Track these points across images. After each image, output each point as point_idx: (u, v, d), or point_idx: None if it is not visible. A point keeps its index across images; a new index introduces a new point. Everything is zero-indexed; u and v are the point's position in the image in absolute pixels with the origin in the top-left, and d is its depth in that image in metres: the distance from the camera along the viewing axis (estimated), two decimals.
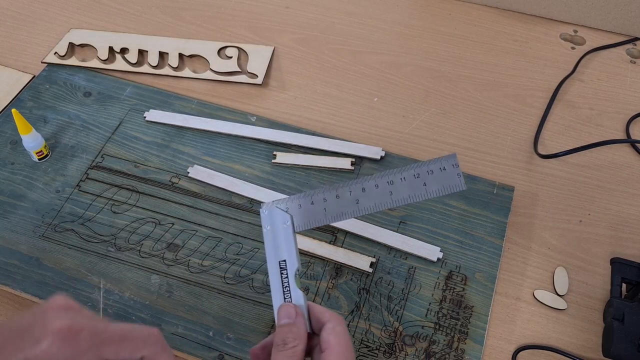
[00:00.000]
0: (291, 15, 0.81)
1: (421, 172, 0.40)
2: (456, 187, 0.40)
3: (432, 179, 0.40)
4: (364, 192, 0.41)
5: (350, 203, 0.41)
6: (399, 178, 0.41)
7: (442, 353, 0.52)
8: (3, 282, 0.56)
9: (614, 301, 0.52)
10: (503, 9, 0.82)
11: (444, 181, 0.40)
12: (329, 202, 0.41)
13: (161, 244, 0.58)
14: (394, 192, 0.41)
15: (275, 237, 0.40)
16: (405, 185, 0.40)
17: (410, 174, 0.40)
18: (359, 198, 0.41)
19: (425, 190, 0.40)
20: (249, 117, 0.68)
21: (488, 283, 0.56)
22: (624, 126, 0.69)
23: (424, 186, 0.40)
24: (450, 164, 0.40)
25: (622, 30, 0.78)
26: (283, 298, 0.39)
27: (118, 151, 0.66)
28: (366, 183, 0.41)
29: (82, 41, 0.76)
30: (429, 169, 0.40)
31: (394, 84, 0.73)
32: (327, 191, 0.41)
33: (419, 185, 0.40)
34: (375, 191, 0.41)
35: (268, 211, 0.41)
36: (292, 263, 0.40)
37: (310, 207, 0.41)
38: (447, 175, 0.40)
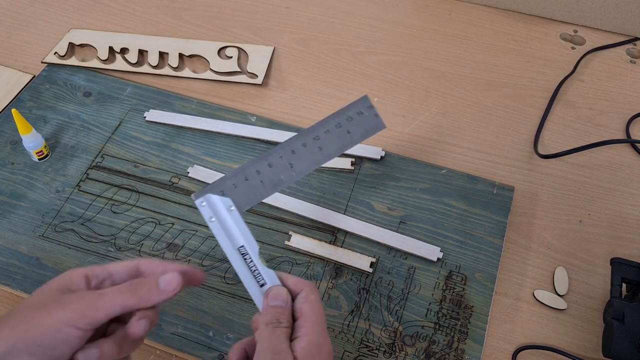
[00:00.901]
0: (291, 15, 0.81)
1: (342, 121, 0.41)
2: (377, 127, 0.41)
3: (354, 124, 0.41)
4: (294, 154, 0.40)
5: (285, 168, 0.40)
6: (323, 132, 0.41)
7: (442, 353, 0.52)
8: (3, 282, 0.56)
9: (614, 301, 0.52)
10: (503, 9, 0.82)
11: (365, 124, 0.41)
12: (263, 172, 0.40)
13: (161, 244, 0.58)
14: (323, 147, 0.40)
15: (225, 225, 0.38)
16: (331, 137, 0.41)
17: (332, 125, 0.41)
18: (292, 161, 0.40)
19: (351, 137, 0.41)
20: (249, 117, 0.68)
21: (488, 283, 0.56)
22: (624, 126, 0.69)
23: (349, 134, 0.41)
24: (365, 106, 0.41)
25: (622, 30, 0.78)
26: (256, 282, 0.38)
27: (118, 151, 0.66)
28: (294, 144, 0.40)
29: (82, 41, 0.76)
30: (348, 115, 0.41)
31: (394, 84, 0.73)
32: (258, 162, 0.40)
33: (343, 134, 0.41)
34: (305, 150, 0.40)
35: (205, 201, 0.39)
36: (251, 245, 0.38)
37: (246, 184, 0.39)
38: (366, 119, 0.41)
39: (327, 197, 0.62)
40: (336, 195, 0.62)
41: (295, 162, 0.40)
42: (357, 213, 0.60)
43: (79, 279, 0.37)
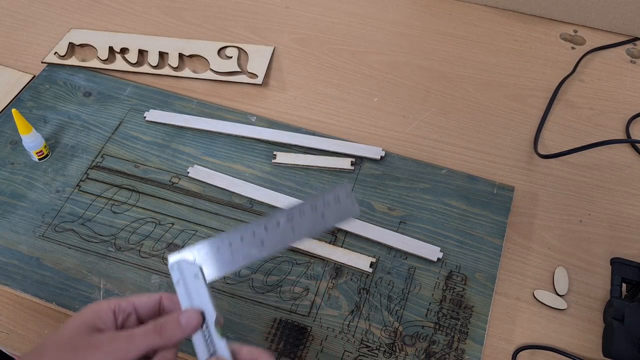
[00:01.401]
0: (291, 15, 0.81)
1: (318, 205, 0.41)
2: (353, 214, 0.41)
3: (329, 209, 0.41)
4: (266, 231, 0.41)
5: (256, 244, 0.40)
6: (298, 213, 0.41)
7: (442, 353, 0.52)
8: (3, 282, 0.56)
9: (614, 301, 0.52)
10: (503, 9, 0.82)
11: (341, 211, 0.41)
12: (235, 245, 0.40)
13: (161, 244, 0.58)
14: (295, 228, 0.41)
15: (188, 289, 0.40)
16: (304, 219, 0.41)
17: (308, 207, 0.41)
18: (263, 238, 0.40)
19: (325, 222, 0.41)
20: (249, 117, 0.68)
21: (488, 283, 0.56)
22: (624, 126, 0.69)
23: (323, 218, 0.41)
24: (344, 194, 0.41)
25: (622, 30, 0.78)
26: (207, 350, 0.38)
27: (118, 151, 0.66)
28: (268, 222, 0.41)
29: (82, 41, 0.76)
30: (325, 200, 0.41)
31: (394, 84, 0.73)
32: (232, 235, 0.41)
33: (318, 218, 0.41)
34: (278, 230, 0.40)
35: (176, 265, 0.40)
36: (210, 313, 0.39)
37: (217, 254, 0.40)
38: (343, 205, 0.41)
39: None
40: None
41: (267, 239, 0.41)
42: None
43: (107, 315, 0.38)
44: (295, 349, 0.52)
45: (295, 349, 0.52)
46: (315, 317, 0.54)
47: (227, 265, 0.40)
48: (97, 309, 0.38)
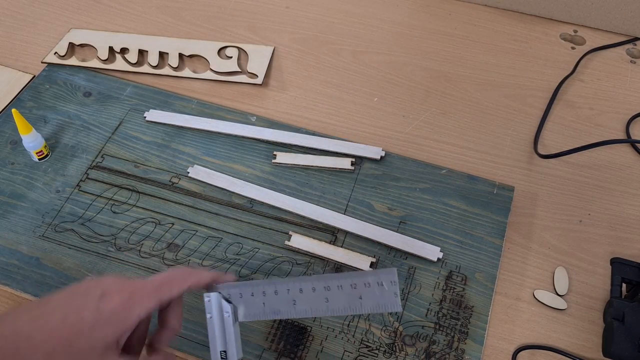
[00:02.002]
0: (291, 15, 0.81)
1: (358, 283, 0.39)
2: (392, 307, 0.38)
3: (369, 293, 0.39)
4: (301, 293, 0.40)
5: (287, 302, 0.40)
6: (336, 285, 0.39)
7: (442, 353, 0.52)
8: (3, 282, 0.56)
9: (614, 301, 0.52)
10: (503, 9, 0.82)
11: (380, 299, 0.38)
12: (268, 296, 0.40)
13: (161, 244, 0.58)
14: (329, 300, 0.39)
15: (218, 325, 0.40)
16: (341, 294, 0.39)
17: (347, 283, 0.39)
18: (296, 299, 0.40)
19: (361, 304, 0.39)
20: (249, 117, 0.68)
21: (488, 283, 0.56)
22: (624, 126, 0.69)
23: (360, 299, 0.39)
24: (388, 280, 0.38)
25: (622, 30, 0.78)
26: None
27: (118, 151, 0.66)
28: (304, 284, 0.40)
29: (82, 41, 0.76)
30: (367, 281, 0.39)
31: (394, 84, 0.73)
32: (268, 285, 0.40)
33: (354, 298, 0.39)
34: (312, 294, 0.40)
35: (210, 298, 0.41)
36: (232, 355, 0.40)
37: (250, 298, 0.41)
38: (384, 293, 0.38)
39: (327, 197, 0.62)
40: (336, 195, 0.62)
41: (299, 301, 0.40)
42: (357, 213, 0.60)
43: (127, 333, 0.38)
44: (295, 349, 0.52)
45: (295, 349, 0.52)
46: (315, 317, 0.54)
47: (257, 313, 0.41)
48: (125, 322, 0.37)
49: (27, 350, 0.34)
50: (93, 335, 0.36)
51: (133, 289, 0.38)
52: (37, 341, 0.34)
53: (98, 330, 0.36)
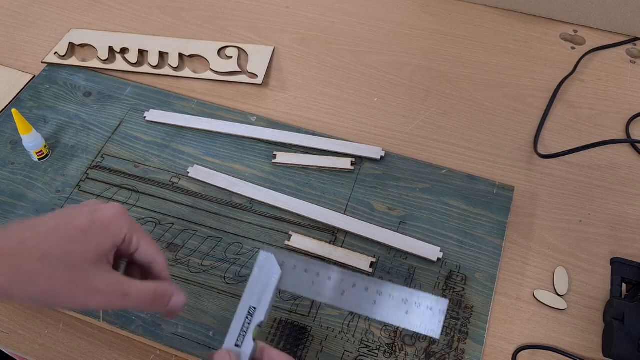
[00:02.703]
0: (291, 15, 0.81)
1: (410, 300, 0.40)
2: (432, 332, 0.40)
3: (416, 312, 0.40)
4: (353, 287, 0.41)
5: (337, 291, 0.41)
6: (388, 293, 0.40)
7: (442, 353, 0.52)
8: None
9: (614, 301, 0.52)
10: (503, 9, 0.82)
11: (424, 321, 0.40)
12: (320, 278, 0.41)
13: (161, 244, 0.58)
14: (377, 303, 0.40)
15: (259, 284, 0.41)
16: (390, 303, 0.40)
17: (400, 296, 0.40)
18: (345, 291, 0.41)
19: (405, 318, 0.40)
20: (249, 117, 0.68)
21: (488, 283, 0.56)
22: (624, 126, 0.69)
23: (405, 314, 0.40)
24: (438, 308, 0.40)
25: (622, 30, 0.78)
26: (236, 339, 0.40)
27: (118, 151, 0.66)
28: (359, 281, 0.41)
29: (82, 41, 0.76)
30: (418, 301, 0.40)
31: (394, 84, 0.73)
32: (324, 268, 0.41)
33: (401, 311, 0.40)
34: (363, 293, 0.41)
35: (265, 257, 0.41)
36: (260, 314, 0.40)
37: (301, 274, 0.41)
38: (431, 317, 0.40)
39: (327, 197, 0.62)
40: (336, 195, 0.62)
41: (347, 294, 0.41)
42: (357, 213, 0.60)
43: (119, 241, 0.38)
44: (295, 349, 0.52)
45: (295, 349, 0.52)
46: (315, 317, 0.54)
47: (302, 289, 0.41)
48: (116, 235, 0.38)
49: (21, 254, 0.34)
50: (86, 242, 0.36)
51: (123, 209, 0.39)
52: (30, 246, 0.35)
53: (91, 238, 0.36)
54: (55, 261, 0.35)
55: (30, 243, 0.35)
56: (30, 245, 0.35)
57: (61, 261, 0.35)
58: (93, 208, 0.38)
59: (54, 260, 0.35)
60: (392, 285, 0.41)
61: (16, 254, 0.34)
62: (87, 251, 0.36)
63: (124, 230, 0.38)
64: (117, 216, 0.38)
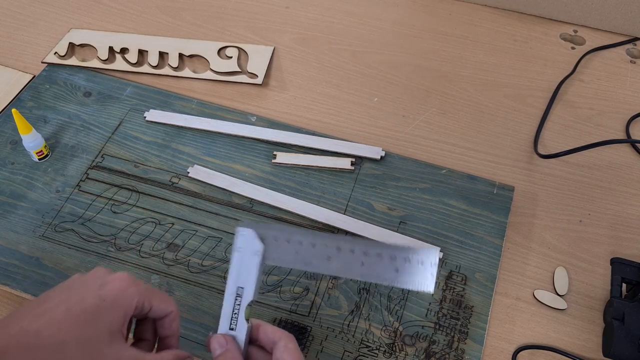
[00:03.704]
0: (291, 15, 0.81)
1: (398, 256, 0.38)
2: (425, 286, 0.38)
3: (406, 268, 0.38)
4: (338, 251, 0.39)
5: (322, 257, 0.39)
6: (375, 252, 0.39)
7: (442, 353, 0.52)
8: (3, 282, 0.56)
9: (614, 301, 0.52)
10: (503, 9, 0.82)
11: (416, 276, 0.38)
12: (304, 246, 0.39)
13: (161, 244, 0.58)
14: (365, 264, 0.39)
15: (243, 262, 0.39)
16: (378, 262, 0.38)
17: (387, 254, 0.38)
18: (331, 255, 0.39)
19: (395, 277, 0.38)
20: (249, 117, 0.68)
21: (488, 283, 0.56)
22: (624, 126, 0.69)
23: (396, 272, 0.38)
24: (429, 260, 0.38)
25: (622, 30, 0.78)
26: (229, 323, 0.39)
27: (118, 151, 0.66)
28: (343, 243, 0.39)
29: (82, 41, 0.76)
30: (407, 256, 0.38)
31: (394, 84, 0.73)
32: (307, 235, 0.40)
33: (390, 269, 0.38)
34: (349, 256, 0.39)
35: (244, 233, 0.40)
36: (249, 293, 0.39)
37: (284, 245, 0.40)
38: (422, 272, 0.38)
39: (327, 197, 0.62)
40: (336, 195, 0.62)
41: (334, 259, 0.39)
42: (357, 213, 0.60)
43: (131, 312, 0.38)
44: None
45: None
46: (315, 317, 0.54)
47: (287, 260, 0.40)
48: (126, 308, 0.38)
49: (38, 345, 0.34)
50: (99, 322, 0.36)
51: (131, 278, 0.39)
52: (45, 335, 0.35)
53: (103, 317, 0.36)
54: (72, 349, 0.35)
55: (45, 332, 0.35)
56: (45, 335, 0.35)
57: (78, 348, 0.35)
58: (100, 282, 0.38)
59: (71, 348, 0.35)
60: (378, 243, 0.39)
61: (34, 346, 0.34)
62: (102, 332, 0.36)
63: (135, 301, 0.38)
64: (125, 288, 0.38)
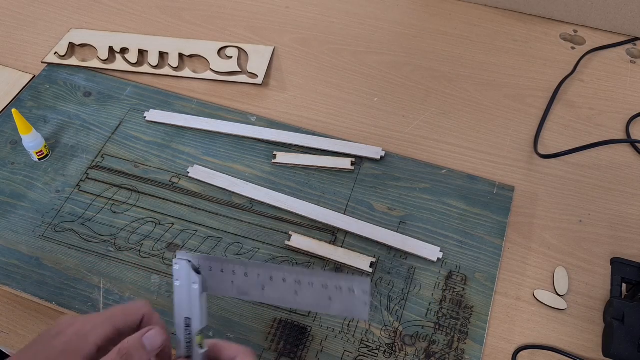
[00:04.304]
0: (291, 15, 0.81)
1: (329, 284, 0.38)
2: (359, 315, 0.38)
3: (339, 296, 0.38)
4: (271, 280, 0.40)
5: (256, 286, 0.40)
6: (307, 281, 0.39)
7: (442, 353, 0.52)
8: (3, 282, 0.56)
9: (614, 301, 0.52)
10: (503, 9, 0.82)
11: (349, 304, 0.38)
12: (237, 276, 0.40)
13: (161, 244, 0.58)
14: (298, 293, 0.39)
15: (183, 293, 0.40)
16: (311, 291, 0.39)
17: (319, 282, 0.39)
18: (265, 285, 0.40)
19: (329, 305, 0.39)
20: (249, 117, 0.68)
21: (488, 283, 0.56)
22: (624, 126, 0.69)
23: (329, 300, 0.39)
24: (360, 288, 0.38)
25: (622, 30, 0.78)
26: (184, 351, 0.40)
27: (118, 151, 0.66)
28: (275, 272, 0.39)
29: (82, 41, 0.76)
30: (338, 284, 0.38)
31: (394, 84, 0.73)
32: (239, 265, 0.40)
33: (324, 297, 0.39)
34: (282, 285, 0.39)
35: (179, 266, 0.40)
36: (196, 323, 0.40)
37: (219, 274, 0.40)
38: (354, 300, 0.38)
39: (327, 197, 0.62)
40: (336, 195, 0.62)
41: (268, 288, 0.40)
42: (357, 213, 0.60)
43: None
44: (295, 349, 0.52)
45: (295, 349, 0.52)
46: (315, 317, 0.54)
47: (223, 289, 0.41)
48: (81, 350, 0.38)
49: None
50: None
51: (84, 320, 0.39)
52: None
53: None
54: None
55: None
56: None
57: None
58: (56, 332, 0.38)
59: None
60: (309, 272, 0.39)
61: None
62: None
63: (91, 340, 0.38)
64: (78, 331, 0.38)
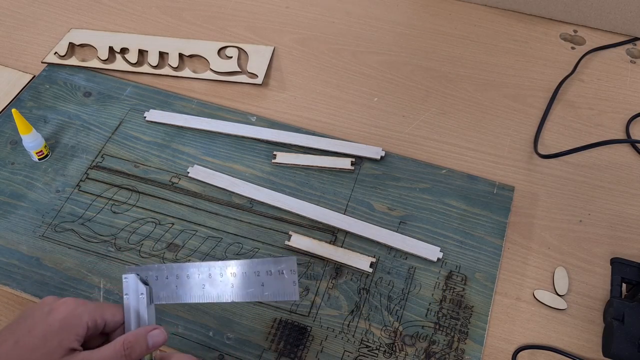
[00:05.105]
0: (291, 15, 0.81)
1: (261, 271, 0.41)
2: (290, 295, 0.40)
3: (270, 281, 0.41)
4: (210, 278, 0.42)
5: (198, 286, 0.42)
6: (241, 272, 0.41)
7: (442, 353, 0.52)
8: (3, 282, 0.56)
9: (614, 301, 0.52)
10: (503, 9, 0.82)
11: (280, 287, 0.41)
12: (180, 280, 0.42)
13: (161, 244, 0.58)
14: (235, 286, 0.41)
15: (132, 307, 0.42)
16: (245, 280, 0.41)
17: (252, 270, 0.41)
18: (205, 283, 0.42)
19: (262, 292, 0.41)
20: (249, 117, 0.68)
21: (488, 283, 0.56)
22: (624, 126, 0.69)
23: (262, 287, 0.41)
24: (288, 268, 0.40)
25: (622, 30, 0.78)
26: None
27: (118, 151, 0.66)
28: (213, 269, 0.42)
29: (82, 41, 0.76)
30: (269, 269, 0.41)
31: (394, 84, 0.73)
32: (180, 268, 0.42)
33: (258, 285, 0.41)
34: (219, 280, 0.42)
35: (128, 279, 0.42)
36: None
37: (165, 282, 0.42)
38: (284, 282, 0.40)
39: (327, 197, 0.62)
40: (336, 195, 0.62)
41: (208, 286, 0.42)
42: (357, 213, 0.60)
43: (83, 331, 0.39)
44: (295, 349, 0.52)
45: (295, 349, 0.52)
46: (315, 317, 0.54)
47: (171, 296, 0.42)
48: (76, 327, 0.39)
49: None
50: (48, 345, 0.38)
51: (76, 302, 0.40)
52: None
53: (50, 340, 0.38)
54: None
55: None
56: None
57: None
58: (48, 309, 0.39)
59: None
60: (242, 262, 0.41)
61: None
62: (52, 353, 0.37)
63: (84, 320, 0.39)
64: (72, 310, 0.39)
